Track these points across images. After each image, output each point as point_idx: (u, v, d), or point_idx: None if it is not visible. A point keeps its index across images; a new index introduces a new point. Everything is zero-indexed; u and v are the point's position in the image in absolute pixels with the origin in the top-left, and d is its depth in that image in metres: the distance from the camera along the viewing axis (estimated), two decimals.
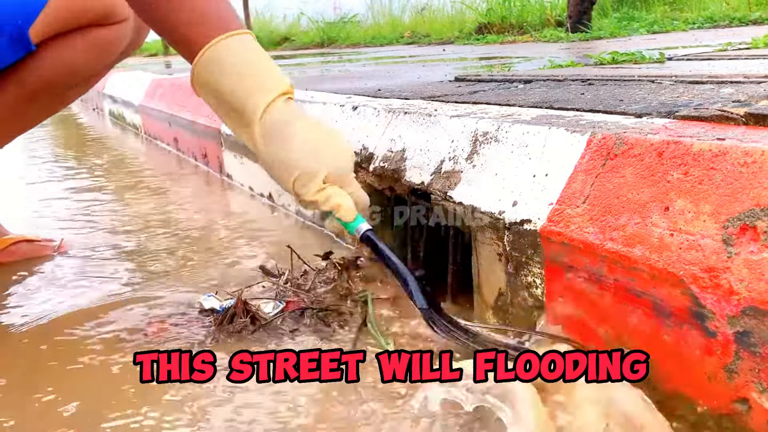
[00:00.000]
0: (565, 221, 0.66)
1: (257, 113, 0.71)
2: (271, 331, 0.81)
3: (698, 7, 4.67)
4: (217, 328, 0.81)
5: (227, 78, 0.71)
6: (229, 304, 0.84)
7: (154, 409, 0.66)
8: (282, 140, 0.71)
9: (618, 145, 0.65)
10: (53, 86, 1.04)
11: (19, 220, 1.34)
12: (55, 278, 1.06)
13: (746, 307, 0.50)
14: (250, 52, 0.72)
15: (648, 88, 0.99)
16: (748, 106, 0.68)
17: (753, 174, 0.53)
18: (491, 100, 1.02)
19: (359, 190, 0.76)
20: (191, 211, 1.48)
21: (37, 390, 0.71)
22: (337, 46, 6.05)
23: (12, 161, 2.31)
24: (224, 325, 0.81)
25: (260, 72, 0.72)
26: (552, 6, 5.24)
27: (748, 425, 0.51)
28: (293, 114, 0.72)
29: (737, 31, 3.27)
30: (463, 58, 2.76)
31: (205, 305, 0.86)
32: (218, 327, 0.81)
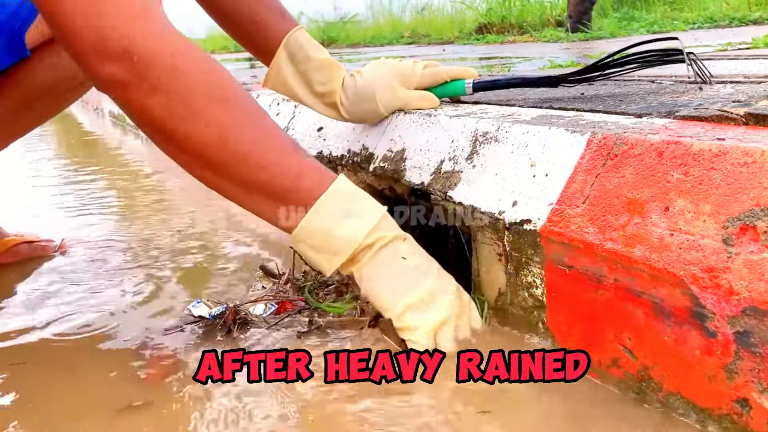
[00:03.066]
0: (565, 221, 0.66)
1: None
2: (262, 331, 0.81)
3: (698, 7, 4.67)
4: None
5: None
6: (218, 310, 0.82)
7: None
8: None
9: (618, 145, 0.65)
10: (49, 91, 1.03)
11: (19, 221, 1.34)
12: (55, 279, 1.06)
13: (746, 307, 0.50)
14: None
15: (648, 88, 0.99)
16: (748, 106, 0.68)
17: (753, 174, 0.53)
18: (491, 100, 1.02)
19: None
20: (192, 210, 1.48)
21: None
22: (337, 45, 6.04)
23: (11, 162, 2.31)
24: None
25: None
26: (552, 6, 5.24)
27: (748, 425, 0.51)
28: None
29: (737, 31, 3.27)
30: (463, 58, 2.76)
31: (195, 313, 0.83)
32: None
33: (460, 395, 0.65)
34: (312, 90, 0.95)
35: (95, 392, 0.70)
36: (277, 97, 1.55)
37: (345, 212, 0.71)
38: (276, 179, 0.69)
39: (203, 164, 0.69)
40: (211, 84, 0.67)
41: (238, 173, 0.69)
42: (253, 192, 0.70)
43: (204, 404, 0.66)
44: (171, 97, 0.65)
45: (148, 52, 0.63)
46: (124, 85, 0.64)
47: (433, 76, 0.97)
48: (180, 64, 0.65)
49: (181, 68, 0.65)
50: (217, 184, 0.71)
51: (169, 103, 0.65)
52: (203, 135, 0.66)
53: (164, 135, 0.68)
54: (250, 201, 0.72)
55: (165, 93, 0.64)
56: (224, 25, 0.94)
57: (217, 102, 0.67)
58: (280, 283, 0.93)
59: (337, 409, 0.64)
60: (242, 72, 2.92)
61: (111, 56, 0.62)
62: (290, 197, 0.70)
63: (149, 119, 0.67)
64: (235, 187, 0.71)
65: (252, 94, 1.75)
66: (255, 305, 0.86)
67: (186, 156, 0.69)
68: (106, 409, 0.66)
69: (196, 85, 0.66)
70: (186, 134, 0.67)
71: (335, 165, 1.12)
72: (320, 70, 0.93)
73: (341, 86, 0.94)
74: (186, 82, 0.65)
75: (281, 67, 0.93)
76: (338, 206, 0.71)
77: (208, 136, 0.67)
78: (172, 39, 0.66)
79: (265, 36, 0.92)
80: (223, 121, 0.67)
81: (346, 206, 0.71)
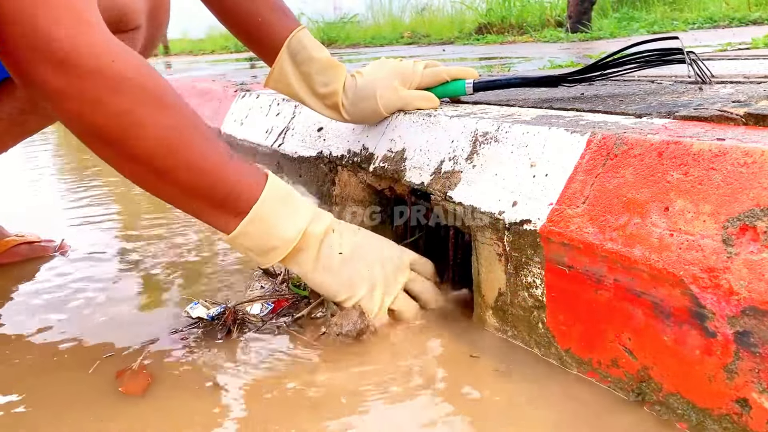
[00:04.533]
0: (565, 221, 0.66)
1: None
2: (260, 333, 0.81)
3: (698, 7, 4.67)
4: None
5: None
6: (216, 311, 0.82)
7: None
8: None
9: (618, 146, 0.65)
10: None
11: (19, 221, 1.34)
12: (55, 280, 1.06)
13: (746, 307, 0.50)
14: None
15: (648, 88, 0.99)
16: (748, 106, 0.68)
17: (753, 174, 0.53)
18: (491, 100, 1.02)
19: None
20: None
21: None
22: (337, 46, 6.04)
23: (11, 162, 2.31)
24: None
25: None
26: (552, 6, 5.24)
27: (748, 425, 0.51)
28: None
29: (737, 31, 3.27)
30: (463, 58, 2.76)
31: (193, 314, 0.83)
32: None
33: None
34: (314, 91, 0.95)
35: (93, 394, 0.70)
36: (278, 97, 1.55)
37: (280, 213, 0.74)
38: (218, 184, 0.71)
39: (147, 171, 0.69)
40: (153, 92, 0.66)
41: (182, 179, 0.69)
42: (193, 197, 0.71)
43: (206, 403, 0.66)
44: (113, 108, 0.64)
45: (90, 64, 0.62)
46: (61, 95, 0.62)
47: (434, 76, 0.98)
48: (123, 74, 0.64)
49: (124, 78, 0.64)
50: (158, 188, 0.71)
51: (112, 114, 0.64)
52: (148, 144, 0.66)
53: (104, 144, 0.67)
54: (190, 205, 0.73)
55: (106, 104, 0.63)
56: (227, 24, 0.94)
57: (160, 110, 0.66)
58: (276, 282, 0.93)
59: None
60: (242, 72, 2.92)
61: (51, 64, 0.60)
62: (230, 201, 0.72)
63: (88, 129, 0.65)
64: (177, 192, 0.71)
65: (252, 94, 1.75)
66: (252, 305, 0.86)
67: (130, 165, 0.69)
68: (100, 412, 0.66)
69: (140, 94, 0.65)
70: (129, 144, 0.66)
71: (335, 165, 1.12)
72: (322, 72, 0.93)
73: (343, 88, 0.95)
74: (130, 92, 0.64)
75: (283, 67, 0.93)
76: (274, 207, 0.73)
77: (154, 146, 0.66)
78: (115, 47, 0.64)
79: (268, 35, 0.92)
80: (167, 129, 0.67)
81: (281, 207, 0.74)
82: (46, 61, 0.61)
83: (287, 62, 0.92)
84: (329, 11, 7.80)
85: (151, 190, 0.72)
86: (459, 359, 0.74)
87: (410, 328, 0.81)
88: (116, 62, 0.63)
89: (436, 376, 0.70)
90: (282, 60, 0.92)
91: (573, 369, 0.67)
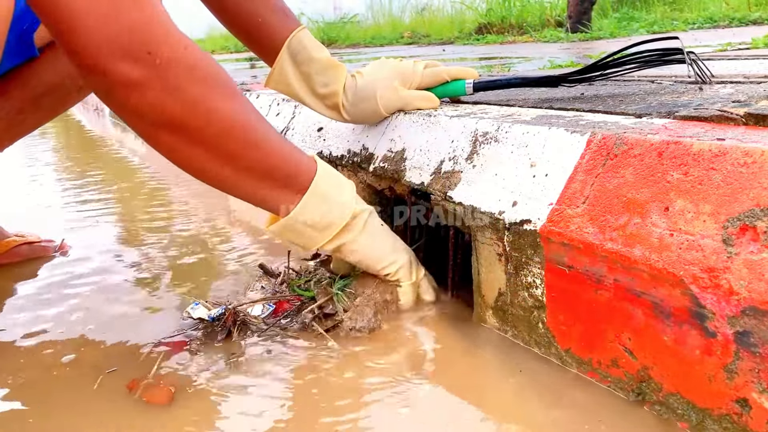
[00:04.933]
0: (565, 221, 0.66)
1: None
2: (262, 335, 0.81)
3: (698, 7, 4.67)
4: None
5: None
6: (217, 312, 0.82)
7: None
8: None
9: (618, 146, 0.65)
10: (55, 90, 1.03)
11: (19, 221, 1.34)
12: (55, 281, 1.06)
13: (746, 307, 0.50)
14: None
15: (648, 88, 0.99)
16: (748, 106, 0.68)
17: (753, 174, 0.53)
18: (491, 100, 1.02)
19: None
20: (192, 210, 1.48)
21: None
22: (337, 46, 6.04)
23: (11, 162, 2.31)
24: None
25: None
26: (552, 6, 5.24)
27: (748, 425, 0.51)
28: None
29: (737, 31, 3.27)
30: (463, 58, 2.76)
31: (194, 315, 0.82)
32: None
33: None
34: (314, 91, 0.95)
35: (93, 395, 0.70)
36: (278, 97, 1.55)
37: (333, 190, 0.79)
38: (281, 164, 0.76)
39: (216, 156, 0.72)
40: (221, 79, 0.71)
41: (250, 161, 0.74)
42: (259, 178, 0.75)
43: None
44: (190, 96, 0.67)
45: (167, 54, 0.65)
46: (139, 86, 0.64)
47: (434, 76, 0.98)
48: (195, 62, 0.68)
49: (197, 66, 0.68)
50: (221, 174, 0.74)
51: (189, 101, 0.67)
52: (222, 128, 0.70)
53: (175, 131, 0.69)
54: (254, 187, 0.76)
55: (184, 91, 0.67)
56: (227, 24, 0.95)
57: (228, 95, 0.71)
58: (276, 283, 0.93)
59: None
60: (242, 72, 2.92)
61: (129, 57, 0.63)
62: (291, 181, 0.77)
63: (162, 118, 0.68)
64: (243, 175, 0.74)
65: (252, 94, 1.75)
66: (253, 306, 0.85)
67: (199, 149, 0.71)
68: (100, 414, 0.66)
69: (211, 80, 0.69)
70: (203, 129, 0.70)
71: (335, 165, 1.12)
72: (323, 72, 0.94)
73: (343, 88, 0.95)
74: (202, 79, 0.68)
75: (284, 67, 0.93)
76: (329, 183, 0.79)
77: (227, 129, 0.71)
78: (183, 37, 0.68)
79: (268, 35, 0.92)
80: (239, 112, 0.71)
81: (333, 184, 0.80)
82: (125, 53, 0.62)
83: (287, 62, 0.92)
84: (329, 11, 7.80)
85: (211, 177, 0.74)
86: (459, 359, 0.74)
87: (411, 328, 0.81)
88: (188, 49, 0.67)
89: (436, 375, 0.70)
90: (282, 60, 0.92)
91: (573, 369, 0.67)
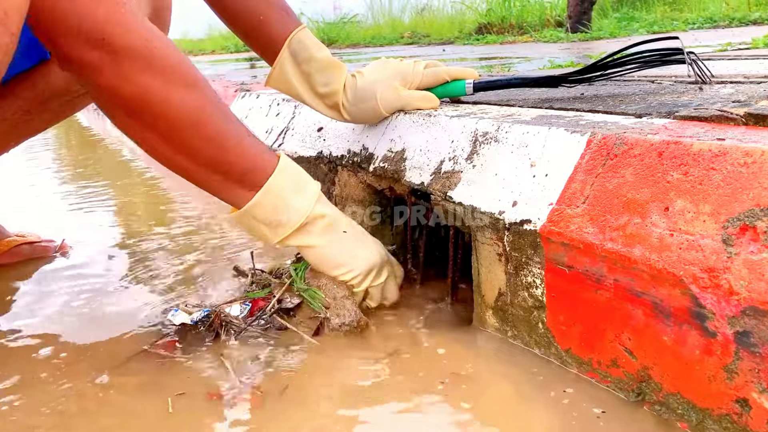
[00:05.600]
0: (565, 221, 0.66)
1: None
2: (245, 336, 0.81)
3: (698, 7, 4.67)
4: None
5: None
6: (198, 315, 0.81)
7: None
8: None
9: (618, 146, 0.65)
10: (64, 93, 1.03)
11: (19, 221, 1.34)
12: (55, 281, 1.06)
13: (746, 307, 0.50)
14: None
15: (648, 88, 0.99)
16: (748, 106, 0.68)
17: (753, 174, 0.53)
18: (491, 100, 1.02)
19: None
20: (192, 210, 1.48)
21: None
22: (337, 46, 6.04)
23: (12, 161, 2.31)
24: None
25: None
26: (552, 6, 5.24)
27: (748, 425, 0.51)
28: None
29: (737, 31, 3.27)
30: (463, 58, 2.76)
31: (176, 321, 0.82)
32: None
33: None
34: (314, 91, 0.95)
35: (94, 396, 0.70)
36: (277, 96, 1.55)
37: (290, 189, 0.79)
38: (236, 161, 0.77)
39: (169, 144, 0.74)
40: (181, 71, 0.72)
41: (203, 154, 0.75)
42: (212, 171, 0.76)
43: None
44: (141, 84, 0.70)
45: (124, 42, 0.67)
46: (96, 68, 0.68)
47: (434, 76, 0.98)
48: (152, 53, 0.69)
49: (153, 57, 0.70)
50: (177, 162, 0.76)
51: (144, 87, 0.70)
52: (172, 119, 0.72)
53: (128, 115, 0.72)
54: (206, 179, 0.78)
55: (134, 80, 0.69)
56: (228, 22, 0.95)
57: (185, 88, 0.72)
58: (246, 283, 0.93)
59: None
60: (242, 72, 2.92)
61: (89, 43, 0.66)
62: (246, 176, 0.78)
63: (115, 101, 0.71)
64: (195, 165, 0.76)
65: (252, 94, 1.75)
66: (231, 306, 0.85)
67: (152, 134, 0.74)
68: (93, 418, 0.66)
69: (167, 72, 0.71)
70: (157, 115, 0.72)
71: (335, 165, 1.12)
72: (323, 71, 0.94)
73: (343, 87, 0.95)
74: (157, 70, 0.70)
75: (284, 67, 0.93)
76: (285, 183, 0.79)
77: (178, 121, 0.73)
78: (146, 28, 0.70)
79: (269, 35, 0.92)
80: (195, 104, 0.73)
81: (292, 183, 0.80)
82: (83, 39, 0.66)
83: (288, 61, 0.92)
84: (329, 11, 7.80)
85: (166, 163, 0.77)
86: (459, 358, 0.74)
87: (410, 327, 0.81)
88: (147, 41, 0.69)
89: (436, 374, 0.70)
90: (283, 59, 0.92)
91: (573, 369, 0.67)
